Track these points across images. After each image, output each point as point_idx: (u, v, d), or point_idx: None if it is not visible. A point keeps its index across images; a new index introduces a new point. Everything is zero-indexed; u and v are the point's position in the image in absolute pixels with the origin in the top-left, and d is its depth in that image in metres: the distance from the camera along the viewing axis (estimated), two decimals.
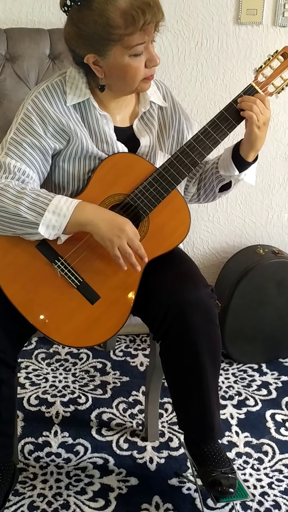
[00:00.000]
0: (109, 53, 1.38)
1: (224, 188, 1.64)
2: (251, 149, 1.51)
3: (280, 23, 2.08)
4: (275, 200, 2.33)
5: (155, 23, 1.38)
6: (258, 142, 1.50)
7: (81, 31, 1.37)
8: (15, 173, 1.43)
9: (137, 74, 1.42)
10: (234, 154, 1.54)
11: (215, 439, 1.59)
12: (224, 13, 2.06)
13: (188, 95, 2.14)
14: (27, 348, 2.27)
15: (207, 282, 1.54)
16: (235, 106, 1.48)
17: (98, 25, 1.34)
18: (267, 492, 1.70)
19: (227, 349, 2.22)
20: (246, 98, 1.47)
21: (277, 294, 2.17)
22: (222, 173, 1.58)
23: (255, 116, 1.45)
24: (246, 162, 1.54)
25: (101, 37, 1.36)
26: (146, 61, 1.41)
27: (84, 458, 1.80)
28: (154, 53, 1.41)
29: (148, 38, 1.39)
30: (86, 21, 1.35)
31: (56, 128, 1.46)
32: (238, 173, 1.55)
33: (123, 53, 1.38)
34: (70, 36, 1.41)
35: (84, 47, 1.40)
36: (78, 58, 1.44)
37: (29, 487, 1.69)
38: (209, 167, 1.65)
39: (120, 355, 2.27)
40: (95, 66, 1.42)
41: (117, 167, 1.49)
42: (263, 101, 1.47)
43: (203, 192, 1.69)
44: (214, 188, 1.65)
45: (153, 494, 1.68)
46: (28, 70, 1.88)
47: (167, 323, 1.49)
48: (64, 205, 1.40)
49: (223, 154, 1.59)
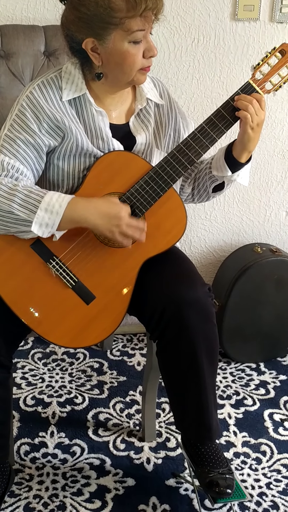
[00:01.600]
0: (108, 38, 1.37)
1: (217, 188, 1.63)
2: (243, 150, 1.49)
3: (277, 19, 2.06)
4: (272, 198, 2.32)
5: (155, 12, 1.38)
6: (251, 143, 1.48)
7: (81, 14, 1.36)
8: (8, 170, 1.42)
9: (135, 62, 1.40)
10: (227, 154, 1.53)
11: (213, 439, 1.58)
12: (221, 9, 2.04)
13: (185, 92, 2.12)
14: (23, 348, 2.26)
15: (204, 281, 1.52)
16: (232, 104, 1.46)
17: (100, 7, 1.34)
18: (265, 493, 1.69)
19: (225, 348, 2.21)
20: (243, 97, 1.45)
21: (275, 293, 2.16)
22: (215, 174, 1.56)
23: (249, 116, 1.44)
24: (239, 163, 1.52)
25: (102, 20, 1.35)
26: (145, 50, 1.41)
27: (80, 458, 1.78)
28: (152, 43, 1.41)
29: (148, 26, 1.38)
30: (87, 3, 1.35)
31: (51, 125, 1.45)
32: (231, 174, 1.54)
33: (122, 38, 1.37)
34: (69, 20, 1.40)
35: (83, 31, 1.38)
36: (75, 45, 1.42)
37: (25, 488, 1.67)
38: (203, 167, 1.64)
39: (117, 354, 2.26)
40: (93, 53, 1.41)
41: (113, 165, 1.48)
42: (259, 102, 1.45)
43: (197, 192, 1.67)
44: (207, 188, 1.63)
45: (150, 495, 1.66)
46: (22, 67, 1.86)
47: (163, 323, 1.47)
48: (57, 202, 1.38)
49: (216, 154, 1.58)
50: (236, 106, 1.46)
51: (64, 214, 1.38)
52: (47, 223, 1.38)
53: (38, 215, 1.37)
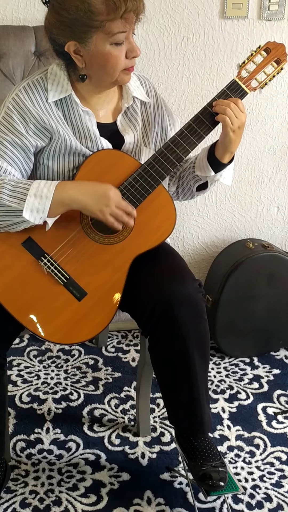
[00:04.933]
0: (90, 41, 1.38)
1: (201, 187, 1.64)
2: (225, 151, 1.51)
3: (265, 17, 2.08)
4: (264, 194, 2.34)
5: (136, 13, 1.38)
6: (233, 145, 1.50)
7: (62, 18, 1.38)
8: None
9: (118, 63, 1.42)
10: (209, 155, 1.54)
11: (205, 433, 1.60)
12: (209, 7, 2.05)
13: (175, 90, 2.14)
14: (19, 345, 2.27)
15: (194, 277, 1.54)
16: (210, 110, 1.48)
17: (80, 11, 1.35)
18: (258, 485, 1.71)
19: (219, 343, 2.23)
20: (220, 102, 1.47)
21: (267, 288, 2.18)
22: (198, 173, 1.58)
23: (228, 119, 1.45)
24: (221, 163, 1.54)
25: (83, 24, 1.36)
26: (127, 51, 1.42)
27: (76, 454, 1.80)
28: (134, 43, 1.42)
29: (129, 28, 1.39)
30: (68, 7, 1.36)
31: (38, 126, 1.46)
32: (214, 174, 1.56)
33: (104, 40, 1.38)
34: (51, 24, 1.41)
35: (65, 35, 1.40)
36: (59, 47, 1.44)
37: (21, 484, 1.69)
38: (186, 166, 1.65)
39: (112, 351, 2.28)
40: (76, 55, 1.42)
41: (102, 163, 1.49)
42: (237, 104, 1.46)
43: (181, 191, 1.69)
44: (191, 187, 1.65)
45: (145, 489, 1.68)
46: (13, 67, 1.88)
47: (155, 318, 1.49)
48: (45, 187, 1.41)
49: (200, 154, 1.60)
50: (214, 112, 1.47)
51: (54, 197, 1.40)
52: (37, 208, 1.40)
53: (28, 201, 1.39)
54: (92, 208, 1.42)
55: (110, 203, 1.42)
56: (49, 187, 1.41)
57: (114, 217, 1.44)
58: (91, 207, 1.42)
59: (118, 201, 1.44)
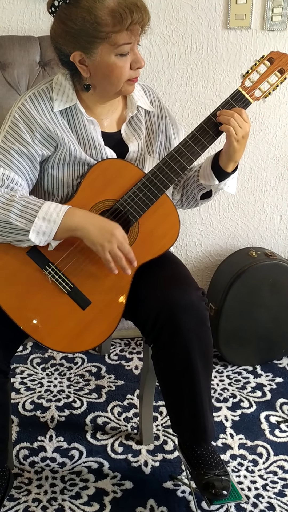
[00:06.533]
0: (95, 51, 1.40)
1: (205, 195, 1.65)
2: (229, 160, 1.52)
3: (268, 27, 2.09)
4: (267, 203, 2.35)
5: (142, 25, 1.40)
6: (237, 154, 1.51)
7: (68, 28, 1.39)
8: (3, 180, 1.45)
9: (122, 74, 1.43)
10: (213, 164, 1.55)
11: (208, 442, 1.60)
12: (213, 18, 2.07)
13: (179, 100, 2.16)
14: (22, 353, 2.28)
15: (198, 285, 1.55)
16: (214, 119, 1.49)
17: (86, 22, 1.36)
18: (261, 494, 1.71)
19: (222, 352, 2.23)
20: (224, 112, 1.48)
21: (270, 296, 2.18)
22: (202, 182, 1.59)
23: (232, 129, 1.46)
24: (226, 172, 1.55)
25: (89, 35, 1.37)
26: (132, 62, 1.43)
27: (79, 462, 1.80)
28: (139, 55, 1.43)
29: (135, 39, 1.41)
30: (74, 18, 1.37)
31: (43, 135, 1.47)
32: (218, 183, 1.57)
33: (109, 51, 1.40)
34: (57, 34, 1.43)
35: (70, 45, 1.41)
36: (64, 57, 1.45)
37: (24, 492, 1.69)
38: (191, 175, 1.66)
39: (115, 359, 2.28)
40: (81, 65, 1.43)
41: (106, 173, 1.50)
42: (241, 114, 1.48)
43: (186, 199, 1.70)
44: (195, 195, 1.66)
45: (147, 498, 1.68)
46: (18, 77, 1.90)
47: (158, 326, 1.50)
48: (54, 211, 1.41)
49: (204, 163, 1.61)
50: (218, 122, 1.49)
51: (62, 223, 1.40)
52: (44, 231, 1.41)
53: (36, 224, 1.40)
54: (94, 240, 1.41)
55: (113, 240, 1.41)
56: (59, 211, 1.41)
57: (113, 257, 1.42)
58: (93, 238, 1.41)
59: (122, 243, 1.42)
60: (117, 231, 1.42)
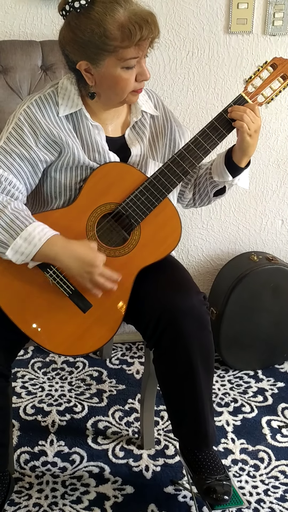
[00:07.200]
0: (102, 63, 1.40)
1: (218, 192, 1.66)
2: (243, 155, 1.54)
3: (270, 32, 2.10)
4: (268, 207, 2.35)
5: (151, 40, 1.40)
6: (251, 149, 1.53)
7: (77, 38, 1.39)
8: (1, 182, 1.45)
9: (127, 86, 1.44)
10: (227, 160, 1.56)
11: (210, 446, 1.59)
12: (214, 22, 2.08)
13: (180, 104, 2.16)
14: (23, 357, 2.28)
15: (199, 289, 1.55)
16: (225, 116, 1.50)
17: (95, 34, 1.36)
18: (263, 499, 1.70)
19: (223, 356, 2.23)
20: (236, 108, 1.49)
21: (272, 300, 2.18)
22: (216, 179, 1.60)
23: (245, 125, 1.48)
24: (239, 167, 1.56)
25: (96, 47, 1.38)
26: (137, 74, 1.44)
27: (80, 466, 1.80)
28: (145, 68, 1.44)
29: (142, 53, 1.41)
30: (83, 29, 1.37)
31: (48, 140, 1.48)
32: (232, 178, 1.57)
33: (115, 64, 1.40)
34: (65, 40, 1.43)
35: (78, 54, 1.42)
36: (71, 64, 1.46)
37: (25, 497, 1.69)
38: (202, 173, 1.67)
39: (116, 363, 2.28)
40: (86, 74, 1.44)
41: (108, 176, 1.51)
42: (253, 110, 1.49)
43: (198, 197, 1.70)
44: (208, 193, 1.67)
45: (149, 502, 1.68)
46: (20, 81, 1.90)
47: (159, 331, 1.50)
48: (38, 235, 1.40)
49: (216, 160, 1.61)
50: (230, 118, 1.49)
51: (41, 248, 1.40)
52: (22, 251, 1.40)
53: (16, 242, 1.39)
54: (73, 272, 1.43)
55: (93, 270, 1.42)
56: (42, 237, 1.40)
57: (94, 285, 1.44)
58: (72, 270, 1.43)
59: (102, 272, 1.44)
60: (96, 261, 1.42)
